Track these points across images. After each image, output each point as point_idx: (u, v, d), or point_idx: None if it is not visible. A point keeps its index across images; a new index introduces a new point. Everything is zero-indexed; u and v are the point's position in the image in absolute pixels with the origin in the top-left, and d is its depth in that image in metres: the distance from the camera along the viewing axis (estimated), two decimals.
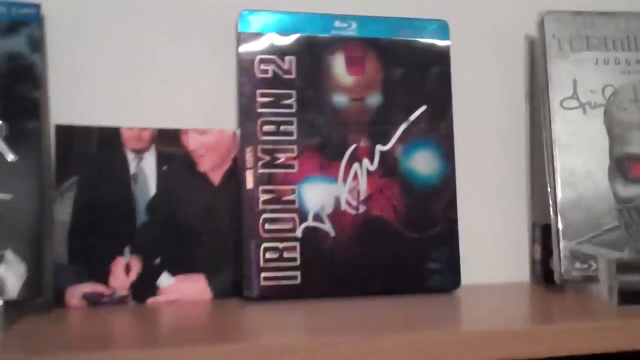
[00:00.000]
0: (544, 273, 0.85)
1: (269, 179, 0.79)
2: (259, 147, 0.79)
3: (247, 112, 0.79)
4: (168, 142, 0.79)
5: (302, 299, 0.77)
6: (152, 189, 0.78)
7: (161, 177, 0.78)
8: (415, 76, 0.83)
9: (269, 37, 0.80)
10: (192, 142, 0.79)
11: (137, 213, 0.77)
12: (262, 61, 0.80)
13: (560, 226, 0.80)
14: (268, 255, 0.78)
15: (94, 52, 0.80)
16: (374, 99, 0.82)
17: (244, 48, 0.80)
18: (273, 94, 0.80)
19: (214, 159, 0.80)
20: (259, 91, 0.79)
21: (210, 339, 0.58)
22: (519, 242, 0.89)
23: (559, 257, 0.79)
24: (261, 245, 0.78)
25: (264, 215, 0.78)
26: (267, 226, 0.78)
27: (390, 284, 0.80)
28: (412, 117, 0.83)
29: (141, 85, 0.81)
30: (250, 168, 0.78)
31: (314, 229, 0.79)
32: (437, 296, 0.79)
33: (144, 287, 0.77)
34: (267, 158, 0.79)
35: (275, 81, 0.80)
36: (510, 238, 0.89)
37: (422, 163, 0.83)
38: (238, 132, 0.80)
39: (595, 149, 0.81)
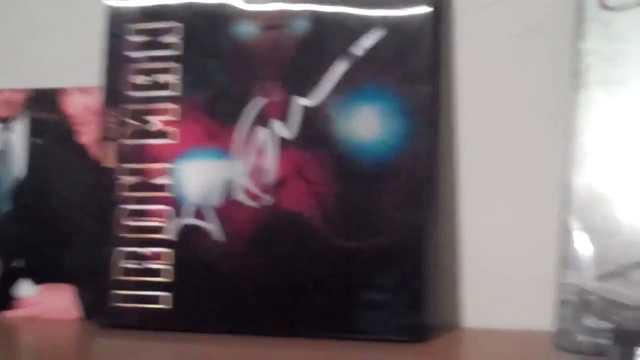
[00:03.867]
0: None
1: (137, 155, 0.54)
2: (127, 107, 0.54)
3: (112, 59, 0.55)
4: (45, 106, 0.59)
5: (173, 332, 0.51)
6: (22, 169, 0.59)
7: (35, 153, 0.59)
8: None
9: None
10: (73, 105, 0.58)
11: (0, 200, 0.60)
12: None
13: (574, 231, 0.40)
14: (128, 264, 0.53)
15: None
16: (299, 25, 0.52)
17: None
18: (147, 29, 0.54)
19: None
20: (129, 26, 0.55)
21: None
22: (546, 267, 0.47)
23: (559, 302, 0.40)
24: (117, 249, 0.54)
25: (125, 207, 0.54)
26: (128, 223, 0.54)
27: (302, 320, 0.49)
28: (359, 49, 0.50)
29: (11, 37, 0.62)
30: (110, 138, 0.55)
31: (194, 228, 0.52)
32: (379, 347, 0.46)
33: None
34: (136, 124, 0.54)
35: (153, 12, 0.54)
36: (534, 259, 0.49)
37: (370, 126, 0.49)
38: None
39: None
